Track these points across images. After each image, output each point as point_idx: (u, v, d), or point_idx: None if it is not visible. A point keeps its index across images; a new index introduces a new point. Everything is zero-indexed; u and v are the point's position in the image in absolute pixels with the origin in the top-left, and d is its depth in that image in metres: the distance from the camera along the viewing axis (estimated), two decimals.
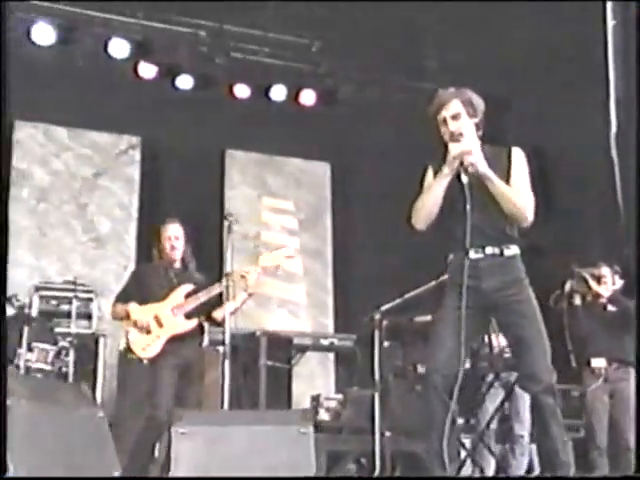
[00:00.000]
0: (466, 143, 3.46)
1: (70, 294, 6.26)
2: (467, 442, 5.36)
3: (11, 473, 2.01)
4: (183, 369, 4.53)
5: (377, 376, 5.17)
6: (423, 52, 7.95)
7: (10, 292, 6.66)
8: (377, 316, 5.19)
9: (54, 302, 6.40)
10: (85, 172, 7.78)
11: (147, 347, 4.51)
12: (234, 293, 4.58)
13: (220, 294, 4.61)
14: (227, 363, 4.18)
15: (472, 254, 3.48)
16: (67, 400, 2.48)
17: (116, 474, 2.54)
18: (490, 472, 5.30)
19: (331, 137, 8.42)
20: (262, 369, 5.61)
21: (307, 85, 8.12)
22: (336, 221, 8.67)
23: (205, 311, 4.73)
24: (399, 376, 5.34)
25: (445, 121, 3.55)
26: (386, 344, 5.54)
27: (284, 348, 6.00)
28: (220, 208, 8.00)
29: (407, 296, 5.18)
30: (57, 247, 7.45)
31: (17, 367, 5.79)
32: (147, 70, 7.54)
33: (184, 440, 3.10)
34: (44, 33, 7.09)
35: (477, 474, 5.27)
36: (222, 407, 4.21)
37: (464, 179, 3.46)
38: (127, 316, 4.62)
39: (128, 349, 4.53)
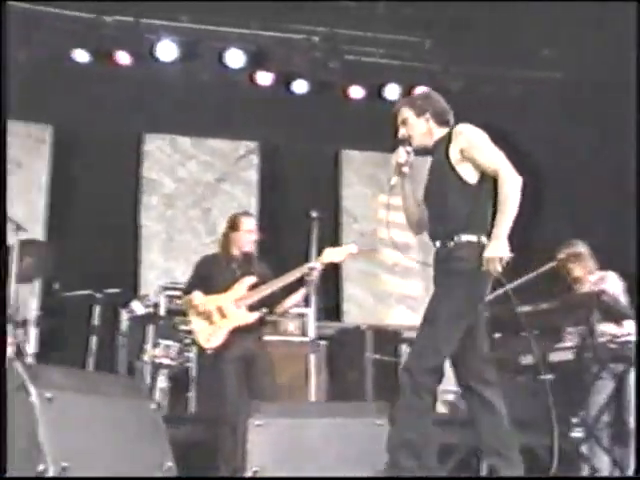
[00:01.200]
0: (415, 141, 3.58)
1: None
2: (578, 438, 5.10)
3: (50, 470, 2.08)
4: (248, 361, 4.54)
5: None
6: (537, 41, 7.67)
7: (142, 292, 7.10)
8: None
9: (179, 301, 6.62)
10: (208, 178, 8.08)
11: (210, 337, 4.54)
12: (310, 287, 4.57)
13: (282, 287, 4.60)
14: (312, 357, 4.19)
15: (434, 246, 3.56)
16: (115, 392, 2.55)
17: (169, 464, 2.60)
18: (604, 471, 5.01)
19: None
20: (368, 362, 5.59)
21: (420, 83, 8.03)
22: None
23: (267, 304, 4.73)
24: (502, 368, 5.16)
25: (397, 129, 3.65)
26: (497, 335, 5.40)
27: (391, 341, 5.94)
28: (336, 207, 8.10)
29: (509, 287, 4.99)
30: (183, 249, 7.76)
31: (143, 362, 6.04)
32: (263, 78, 7.75)
33: (259, 432, 3.14)
34: (167, 50, 7.40)
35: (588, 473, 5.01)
36: (308, 399, 4.21)
37: (392, 180, 3.65)
38: (190, 304, 4.68)
39: (192, 340, 4.57)
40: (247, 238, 4.81)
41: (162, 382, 6.03)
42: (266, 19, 7.60)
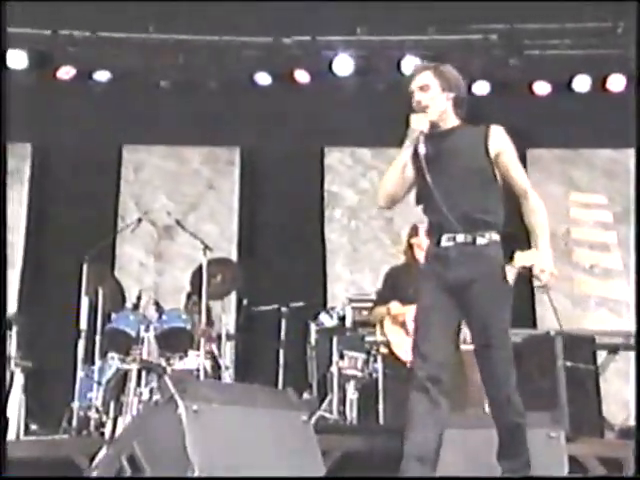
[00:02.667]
0: (431, 114, 3.20)
1: None
2: None
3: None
4: None
5: None
6: None
7: (330, 305, 7.18)
8: None
9: (365, 312, 6.60)
10: None
11: (409, 350, 4.44)
12: None
13: None
14: None
15: (443, 242, 3.18)
16: (264, 403, 2.53)
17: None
18: None
19: None
20: (560, 371, 5.22)
21: (615, 70, 7.59)
22: None
23: None
24: None
25: (413, 93, 3.29)
26: None
27: (586, 348, 5.52)
28: None
29: None
30: (369, 261, 7.76)
31: (331, 374, 6.07)
32: None
33: None
34: (344, 64, 7.47)
35: None
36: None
37: (421, 150, 3.19)
38: (387, 313, 4.62)
39: (390, 353, 4.51)
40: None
41: (351, 394, 6.05)
42: (441, 22, 7.46)
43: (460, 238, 3.18)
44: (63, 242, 7.37)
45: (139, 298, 6.19)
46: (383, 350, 5.83)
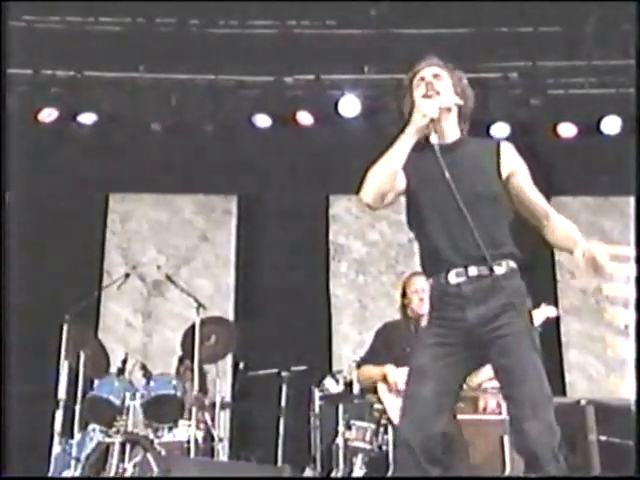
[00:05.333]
0: (442, 101, 3.04)
1: None
2: None
3: None
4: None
5: None
6: None
7: (336, 368, 7.07)
8: None
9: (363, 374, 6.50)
10: (401, 239, 7.98)
11: None
12: None
13: None
14: (506, 438, 3.90)
15: (452, 277, 2.91)
16: None
17: None
18: None
19: None
20: (592, 445, 5.10)
21: None
22: None
23: None
24: None
25: (423, 79, 3.15)
26: None
27: (622, 420, 5.38)
28: (551, 259, 7.70)
29: None
30: (378, 319, 7.65)
31: (336, 446, 5.94)
32: None
33: None
34: (351, 105, 7.46)
35: None
36: None
37: (434, 140, 3.00)
38: (383, 379, 4.59)
39: (387, 419, 4.47)
40: (416, 299, 4.72)
41: (358, 468, 5.91)
42: (457, 60, 7.48)
43: (473, 271, 2.91)
44: (41, 300, 7.32)
45: (125, 362, 6.10)
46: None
